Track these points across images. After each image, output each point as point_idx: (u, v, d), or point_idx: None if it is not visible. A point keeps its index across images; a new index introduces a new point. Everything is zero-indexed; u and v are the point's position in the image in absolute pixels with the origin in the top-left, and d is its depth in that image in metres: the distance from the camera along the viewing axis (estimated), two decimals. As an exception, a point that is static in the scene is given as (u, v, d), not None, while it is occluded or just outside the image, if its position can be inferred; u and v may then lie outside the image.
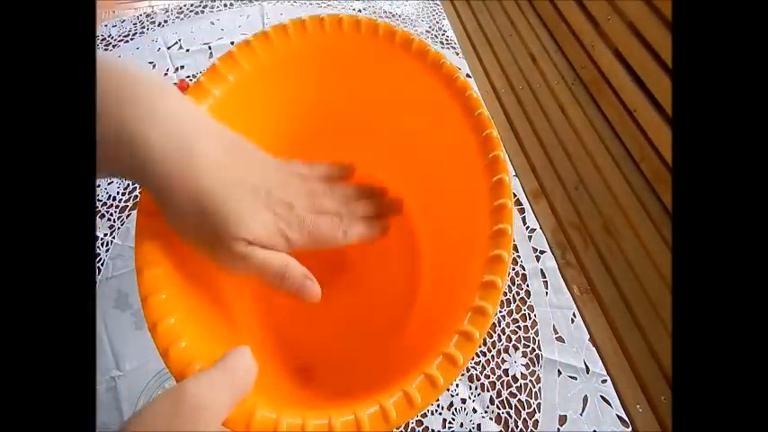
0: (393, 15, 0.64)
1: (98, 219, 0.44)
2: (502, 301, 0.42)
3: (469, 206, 0.26)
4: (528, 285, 0.43)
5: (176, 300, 0.21)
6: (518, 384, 0.38)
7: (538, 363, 0.39)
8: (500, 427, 0.37)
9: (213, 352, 0.19)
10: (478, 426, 0.37)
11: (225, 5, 0.62)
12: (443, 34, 0.63)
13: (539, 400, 0.38)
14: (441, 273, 0.31)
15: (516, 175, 0.50)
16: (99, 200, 0.45)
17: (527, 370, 0.39)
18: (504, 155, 0.25)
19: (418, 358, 0.22)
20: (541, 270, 0.44)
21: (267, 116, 0.30)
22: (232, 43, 0.57)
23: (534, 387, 0.38)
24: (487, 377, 0.39)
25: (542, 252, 0.45)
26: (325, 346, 0.33)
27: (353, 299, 0.34)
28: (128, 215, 0.44)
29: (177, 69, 0.55)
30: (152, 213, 0.23)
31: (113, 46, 0.57)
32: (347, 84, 0.31)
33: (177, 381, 0.19)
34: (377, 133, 0.33)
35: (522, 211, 0.48)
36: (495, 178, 0.24)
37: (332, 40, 0.28)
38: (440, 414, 0.37)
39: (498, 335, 0.40)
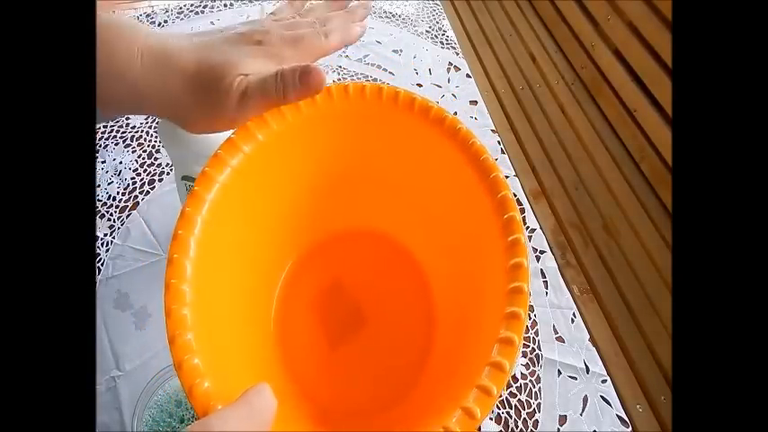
0: (393, 15, 0.64)
1: (98, 219, 0.44)
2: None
3: (485, 262, 0.28)
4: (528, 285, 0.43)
5: (201, 341, 0.23)
6: (518, 384, 0.38)
7: (538, 363, 0.39)
8: (500, 427, 0.36)
9: (235, 394, 0.20)
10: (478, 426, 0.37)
11: (225, 5, 0.62)
12: (443, 34, 0.63)
13: (539, 400, 0.38)
14: (456, 326, 0.32)
15: (516, 175, 0.50)
16: (99, 200, 0.45)
17: (527, 370, 0.39)
18: (518, 216, 0.27)
19: (436, 411, 0.22)
20: (541, 270, 0.44)
21: (292, 170, 0.33)
22: (232, 43, 0.58)
23: (534, 387, 0.38)
24: (487, 377, 0.39)
25: (542, 252, 0.45)
26: (343, 398, 0.34)
27: (370, 354, 0.35)
28: (128, 215, 0.44)
29: (177, 69, 0.55)
30: (183, 268, 0.24)
31: (113, 46, 0.57)
32: (366, 145, 0.34)
33: (200, 417, 0.20)
34: (393, 192, 0.35)
35: (522, 211, 0.48)
36: (510, 238, 0.26)
37: (354, 105, 0.31)
38: (440, 414, 0.37)
39: (498, 335, 0.40)
